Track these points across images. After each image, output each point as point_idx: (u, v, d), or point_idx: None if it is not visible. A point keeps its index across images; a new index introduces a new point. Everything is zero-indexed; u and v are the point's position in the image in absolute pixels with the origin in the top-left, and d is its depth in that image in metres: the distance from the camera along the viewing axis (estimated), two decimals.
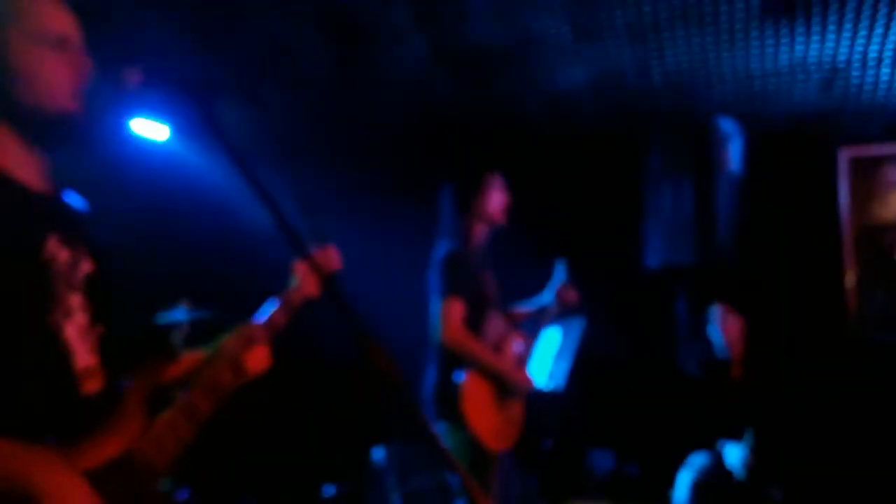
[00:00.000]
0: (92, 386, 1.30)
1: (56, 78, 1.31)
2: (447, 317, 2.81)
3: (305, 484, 3.97)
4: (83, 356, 1.30)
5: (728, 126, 3.77)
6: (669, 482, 3.62)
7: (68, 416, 1.24)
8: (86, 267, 1.36)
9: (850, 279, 4.22)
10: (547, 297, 3.27)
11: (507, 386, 2.93)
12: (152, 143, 4.25)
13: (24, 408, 1.19)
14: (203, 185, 4.37)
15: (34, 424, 1.18)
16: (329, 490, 3.87)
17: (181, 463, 1.39)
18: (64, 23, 1.34)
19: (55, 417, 1.22)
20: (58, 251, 1.30)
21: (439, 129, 4.65)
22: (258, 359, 1.51)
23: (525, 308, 3.32)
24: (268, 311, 1.59)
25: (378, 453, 3.92)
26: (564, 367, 3.44)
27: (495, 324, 3.03)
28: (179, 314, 3.38)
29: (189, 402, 1.38)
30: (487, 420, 2.85)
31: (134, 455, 1.27)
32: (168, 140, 4.28)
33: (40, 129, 1.32)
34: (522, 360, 3.10)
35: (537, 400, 3.33)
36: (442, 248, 2.99)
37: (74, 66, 1.33)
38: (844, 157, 4.26)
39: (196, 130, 3.89)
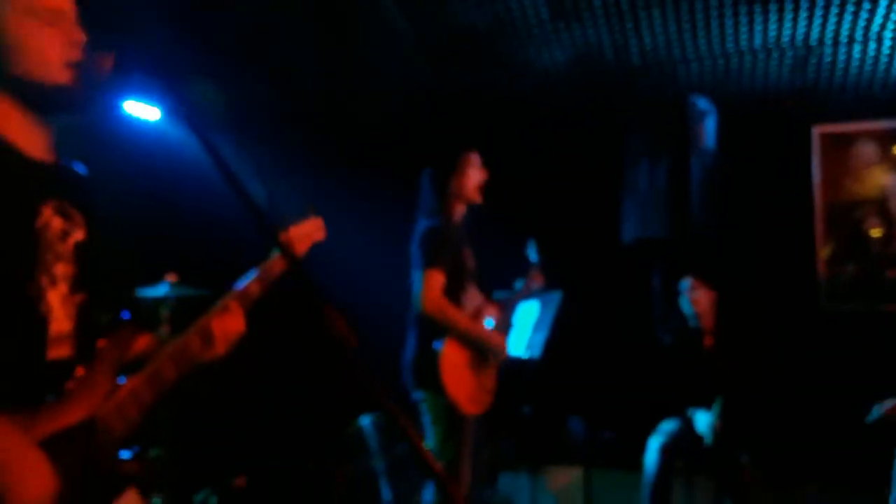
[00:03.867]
0: (61, 352, 1.31)
1: (47, 51, 1.31)
2: (427, 287, 2.93)
3: (288, 457, 4.05)
4: (59, 322, 1.31)
5: (703, 104, 3.85)
6: (641, 447, 3.76)
7: (32, 380, 1.24)
8: (77, 236, 1.37)
9: (822, 253, 4.32)
10: (519, 282, 3.42)
11: (483, 353, 3.07)
12: (144, 123, 4.33)
13: None
14: (194, 162, 4.43)
15: None
16: (312, 462, 3.96)
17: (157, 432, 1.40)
18: None
19: (19, 380, 1.22)
20: (52, 219, 1.32)
21: (421, 110, 4.72)
22: (228, 327, 1.46)
23: (497, 297, 3.45)
24: (244, 280, 1.58)
25: (364, 420, 4.06)
26: (542, 337, 3.56)
27: (473, 295, 3.17)
28: (165, 289, 3.45)
29: (155, 370, 1.36)
30: (464, 386, 2.99)
31: (95, 421, 1.27)
32: (160, 120, 4.35)
33: (36, 99, 1.33)
34: (498, 330, 3.23)
35: (515, 369, 3.47)
36: (422, 225, 3.11)
37: (66, 39, 1.34)
38: (817, 134, 4.34)
39: (171, 114, 3.93)
